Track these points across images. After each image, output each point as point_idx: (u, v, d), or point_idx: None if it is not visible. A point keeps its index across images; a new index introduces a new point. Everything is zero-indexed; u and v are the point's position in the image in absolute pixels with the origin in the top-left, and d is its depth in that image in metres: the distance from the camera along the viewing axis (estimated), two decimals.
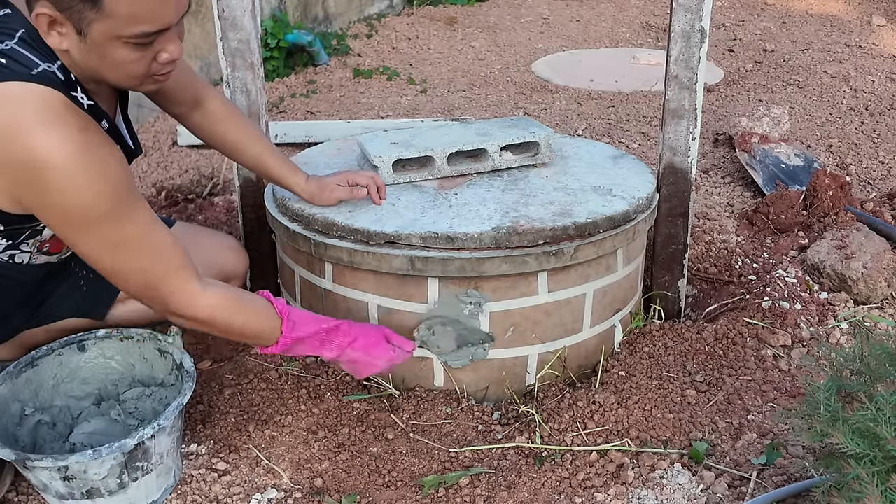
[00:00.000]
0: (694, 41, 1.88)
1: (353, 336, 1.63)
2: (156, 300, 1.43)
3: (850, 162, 3.24)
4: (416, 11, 6.09)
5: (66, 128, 1.26)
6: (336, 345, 1.61)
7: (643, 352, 1.96)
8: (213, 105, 1.79)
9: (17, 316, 1.74)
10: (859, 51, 4.86)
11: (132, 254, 1.37)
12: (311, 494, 1.60)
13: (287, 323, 1.54)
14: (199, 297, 1.43)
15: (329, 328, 1.61)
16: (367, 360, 1.64)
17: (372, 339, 1.65)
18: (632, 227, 1.85)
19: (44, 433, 1.62)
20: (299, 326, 1.56)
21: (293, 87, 4.38)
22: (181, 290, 1.42)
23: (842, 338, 2.07)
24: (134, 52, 1.30)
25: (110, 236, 1.34)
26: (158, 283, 1.40)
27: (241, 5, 1.92)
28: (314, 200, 1.85)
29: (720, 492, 1.55)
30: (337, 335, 1.61)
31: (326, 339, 1.60)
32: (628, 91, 4.25)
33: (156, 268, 1.40)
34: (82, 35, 1.27)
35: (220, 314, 1.46)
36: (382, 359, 1.65)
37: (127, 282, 1.40)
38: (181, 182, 3.12)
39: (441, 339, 1.80)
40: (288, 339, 1.54)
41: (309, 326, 1.58)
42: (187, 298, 1.42)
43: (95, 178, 1.28)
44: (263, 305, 1.54)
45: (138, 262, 1.38)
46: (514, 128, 2.05)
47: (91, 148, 1.28)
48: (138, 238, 1.37)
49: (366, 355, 1.63)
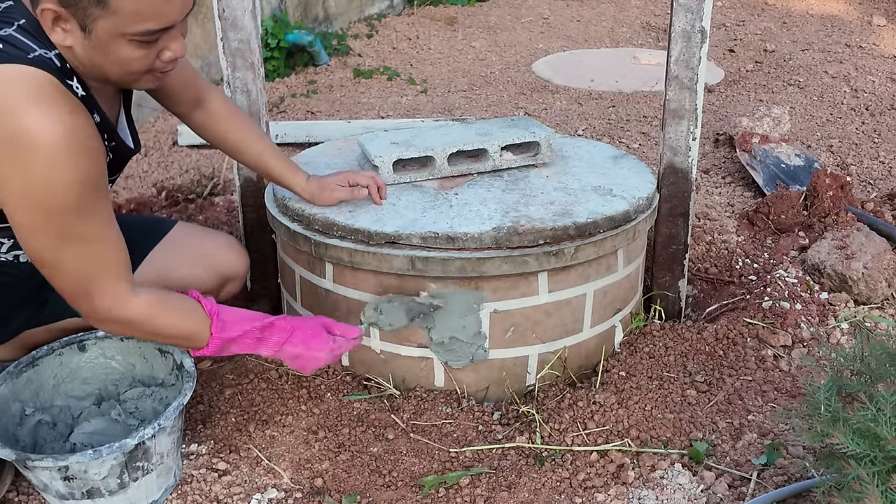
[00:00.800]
0: (694, 41, 1.88)
1: (289, 331, 1.57)
2: (84, 300, 1.39)
3: (851, 162, 3.24)
4: (416, 11, 6.10)
5: (55, 108, 1.25)
6: (273, 341, 1.56)
7: (643, 352, 1.96)
8: (215, 104, 1.80)
9: (20, 315, 1.74)
10: (860, 51, 4.86)
11: (80, 251, 1.34)
12: (312, 494, 1.60)
13: (216, 323, 1.50)
14: (128, 300, 1.40)
15: (263, 325, 1.55)
16: (308, 353, 1.58)
17: (310, 332, 1.59)
18: (632, 228, 1.85)
19: (44, 433, 1.62)
20: (230, 326, 1.52)
21: (293, 87, 4.38)
22: (112, 293, 1.39)
23: (842, 338, 2.07)
24: (138, 50, 1.31)
25: (66, 229, 1.31)
26: (93, 284, 1.37)
27: (242, 5, 1.92)
28: (315, 200, 1.85)
29: (720, 492, 1.55)
30: (272, 332, 1.56)
31: (261, 336, 1.55)
32: (629, 91, 4.25)
33: (96, 269, 1.37)
34: (87, 32, 1.28)
35: (145, 317, 1.42)
36: (324, 350, 1.59)
37: (63, 277, 1.37)
38: (181, 182, 3.12)
39: (391, 316, 1.76)
40: (218, 340, 1.50)
41: (241, 325, 1.53)
42: (116, 301, 1.39)
43: (73, 167, 1.27)
44: (192, 306, 1.50)
45: (83, 260, 1.35)
46: (514, 128, 2.05)
47: (76, 134, 1.27)
48: (92, 237, 1.34)
49: (306, 349, 1.58)
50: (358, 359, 1.92)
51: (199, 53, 4.18)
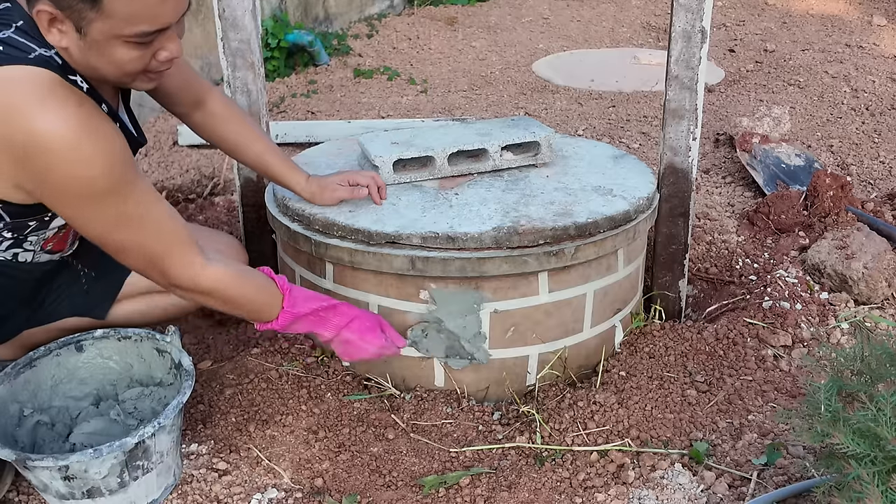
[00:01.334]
0: (695, 41, 1.88)
1: (351, 317, 1.65)
2: (159, 274, 1.45)
3: (851, 162, 3.24)
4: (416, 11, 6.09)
5: (63, 104, 1.27)
6: (334, 324, 1.64)
7: (644, 352, 1.96)
8: (215, 104, 1.80)
9: (19, 315, 1.74)
10: (860, 51, 4.86)
11: (135, 229, 1.38)
12: (312, 494, 1.60)
13: (288, 298, 1.57)
14: (202, 269, 1.46)
15: (328, 306, 1.63)
16: (359, 343, 1.66)
17: (367, 324, 1.67)
18: (632, 228, 1.85)
19: (43, 434, 1.62)
20: (300, 303, 1.59)
21: (294, 87, 4.38)
22: (184, 264, 1.44)
23: (842, 338, 2.07)
24: (133, 51, 1.31)
25: (113, 211, 1.35)
26: (162, 257, 1.42)
27: (242, 5, 1.92)
28: (315, 200, 1.85)
29: (721, 492, 1.55)
30: (335, 314, 1.64)
31: (325, 317, 1.63)
32: (629, 91, 4.25)
33: (159, 242, 1.41)
34: (82, 33, 1.28)
35: (222, 286, 1.48)
36: (374, 345, 1.67)
37: (131, 257, 1.42)
38: (182, 182, 3.12)
39: (432, 344, 1.81)
40: (289, 315, 1.57)
41: (309, 303, 1.60)
42: (190, 271, 1.45)
43: (97, 153, 1.29)
44: (265, 281, 1.57)
45: (141, 237, 1.39)
46: (514, 128, 2.05)
47: (90, 122, 1.29)
48: (141, 214, 1.38)
49: (360, 339, 1.66)
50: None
51: (199, 53, 4.18)
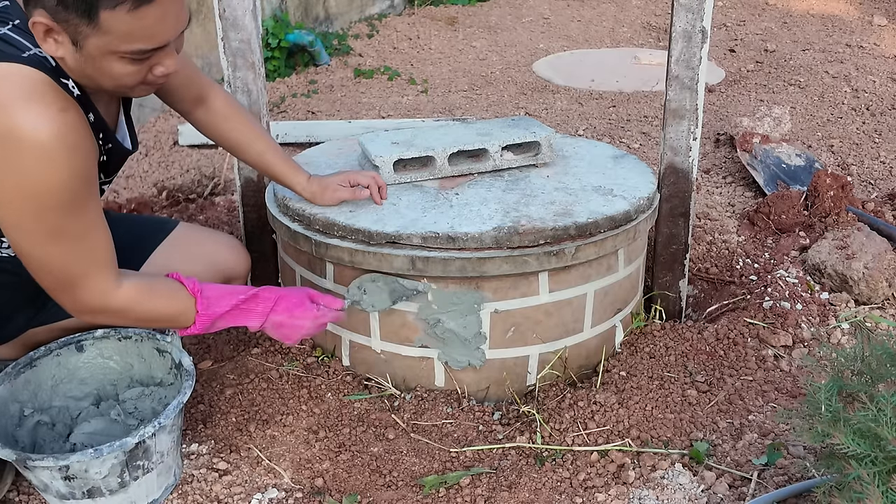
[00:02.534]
0: (695, 41, 1.88)
1: (273, 300, 1.60)
2: (67, 295, 1.41)
3: (852, 162, 3.24)
4: (416, 11, 6.09)
5: (46, 106, 1.25)
6: (258, 312, 1.58)
7: (644, 352, 1.96)
8: (218, 102, 1.80)
9: (23, 314, 1.74)
10: (860, 51, 4.86)
11: (67, 247, 1.35)
12: (312, 494, 1.60)
13: (201, 301, 1.52)
14: (114, 291, 1.42)
15: (247, 297, 1.57)
16: (291, 322, 1.61)
17: (293, 300, 1.62)
18: (633, 228, 1.85)
19: (43, 434, 1.62)
20: (215, 302, 1.54)
21: (294, 87, 4.38)
22: (97, 286, 1.40)
23: (843, 338, 2.07)
24: (129, 66, 1.30)
25: (55, 226, 1.32)
26: (78, 279, 1.38)
27: (242, 5, 1.92)
28: (316, 200, 1.85)
29: (721, 492, 1.55)
30: (257, 302, 1.58)
31: (247, 308, 1.57)
32: (629, 91, 4.25)
33: (83, 264, 1.38)
34: (78, 46, 1.27)
35: (131, 304, 1.45)
36: (307, 318, 1.61)
37: (48, 273, 1.38)
38: (182, 182, 3.12)
39: (373, 296, 1.77)
40: (205, 318, 1.53)
41: (226, 300, 1.55)
42: (102, 294, 1.41)
43: (65, 163, 1.27)
44: (175, 288, 1.52)
45: (70, 256, 1.36)
46: (515, 128, 2.05)
47: (68, 132, 1.27)
48: (80, 234, 1.35)
49: (290, 317, 1.60)
50: (358, 358, 1.92)
51: (199, 53, 4.18)
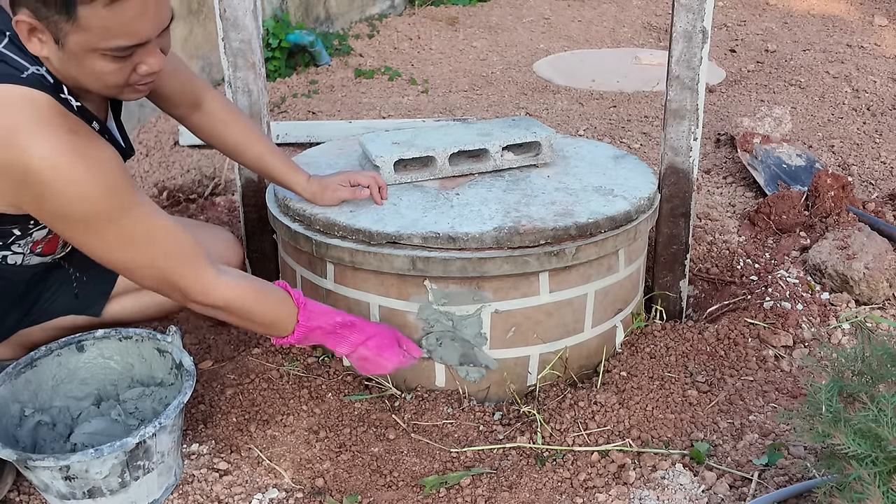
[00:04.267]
0: (696, 41, 1.88)
1: (368, 335, 1.65)
2: (173, 291, 1.45)
3: (852, 162, 3.24)
4: (417, 11, 6.10)
5: (55, 131, 1.26)
6: (351, 341, 1.64)
7: (644, 352, 1.96)
8: (214, 106, 1.79)
9: (12, 316, 1.74)
10: (861, 51, 4.86)
11: (141, 250, 1.38)
12: (313, 494, 1.60)
13: (304, 312, 1.57)
14: (216, 284, 1.46)
15: (344, 322, 1.63)
16: (377, 360, 1.66)
17: (385, 341, 1.68)
18: (633, 228, 1.85)
19: (44, 434, 1.62)
20: (315, 317, 1.59)
21: (295, 87, 4.38)
22: (197, 280, 1.44)
23: (843, 338, 2.07)
24: (111, 64, 1.30)
25: (114, 235, 1.34)
26: (173, 276, 1.42)
27: (243, 6, 1.92)
28: (316, 200, 1.85)
29: (721, 492, 1.55)
30: (352, 331, 1.64)
31: (341, 333, 1.63)
32: (630, 91, 4.25)
33: (168, 261, 1.41)
34: (60, 45, 1.27)
35: (237, 301, 1.48)
36: (392, 361, 1.67)
37: (142, 278, 1.42)
38: (183, 182, 3.12)
39: (447, 352, 1.82)
40: (304, 329, 1.57)
41: (325, 318, 1.61)
42: (204, 287, 1.45)
43: (90, 180, 1.28)
44: (281, 294, 1.57)
45: (148, 257, 1.39)
46: (515, 128, 2.05)
47: (83, 149, 1.28)
48: (144, 234, 1.38)
49: (377, 356, 1.66)
50: None
51: (200, 53, 4.18)
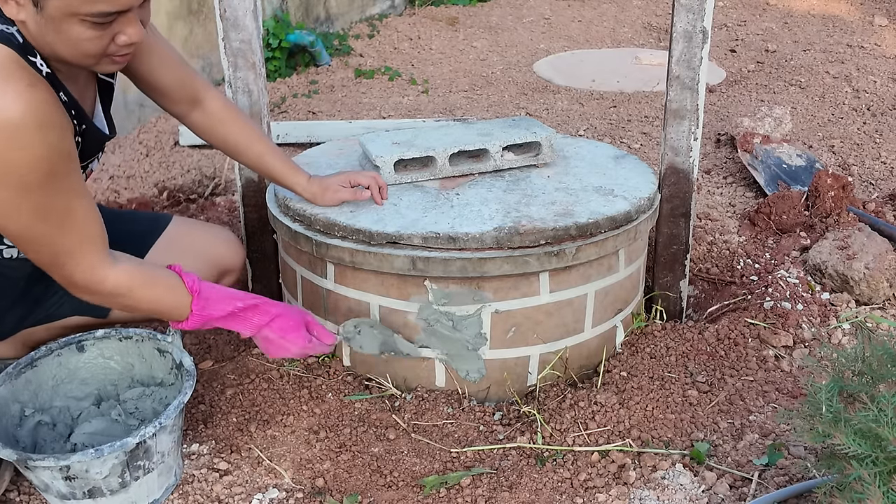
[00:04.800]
0: (696, 41, 1.88)
1: (272, 316, 1.60)
2: (61, 272, 1.40)
3: (852, 162, 3.24)
4: (417, 12, 6.10)
5: (14, 84, 1.24)
6: (254, 322, 1.59)
7: (645, 352, 1.96)
8: (215, 105, 1.79)
9: (13, 313, 1.73)
10: (861, 51, 4.86)
11: (52, 225, 1.34)
12: (313, 494, 1.60)
13: (197, 301, 1.52)
14: (107, 270, 1.41)
15: (245, 306, 1.57)
16: (281, 342, 1.61)
17: (291, 323, 1.62)
18: (633, 228, 1.85)
19: (44, 434, 1.62)
20: (212, 304, 1.54)
21: (295, 88, 4.38)
22: (88, 264, 1.40)
23: (843, 338, 2.07)
24: (90, 31, 1.28)
25: (39, 205, 1.31)
26: (67, 256, 1.38)
27: (243, 6, 1.92)
28: (316, 201, 1.85)
29: (722, 492, 1.55)
30: (255, 313, 1.59)
31: (243, 316, 1.58)
32: (630, 91, 4.25)
33: (69, 241, 1.37)
34: (38, 8, 1.25)
35: (125, 289, 1.44)
36: (296, 345, 1.62)
37: (37, 252, 1.37)
38: (183, 182, 3.12)
39: (366, 341, 1.80)
40: (199, 317, 1.52)
41: (223, 305, 1.55)
42: (94, 271, 1.41)
43: (38, 143, 1.25)
44: (174, 281, 1.51)
45: (58, 234, 1.35)
46: (515, 128, 2.05)
47: (39, 108, 1.25)
48: (63, 210, 1.34)
49: (281, 338, 1.61)
50: (359, 359, 1.92)
51: (200, 53, 4.18)
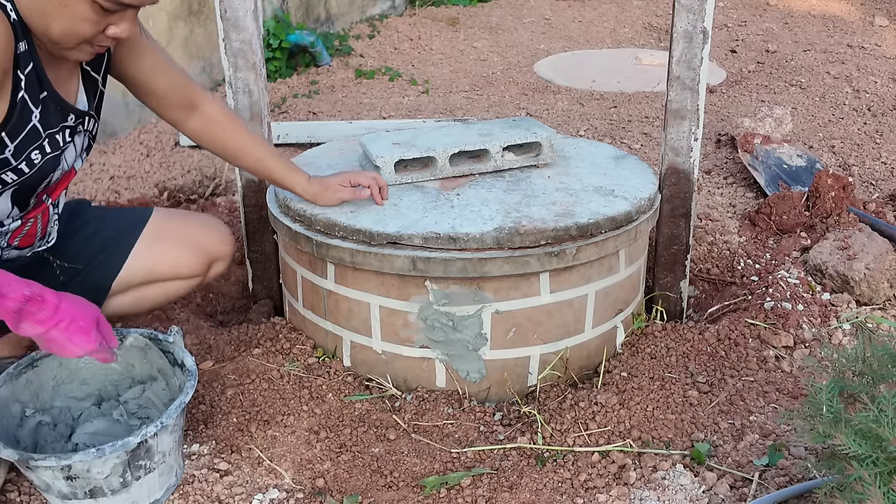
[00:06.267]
0: (696, 42, 1.88)
1: (61, 317, 1.41)
2: None
3: (853, 163, 3.24)
4: (418, 12, 6.10)
5: None
6: (37, 319, 1.39)
7: (645, 352, 1.96)
8: (212, 110, 1.78)
9: None
10: (862, 51, 4.86)
11: None
12: (313, 495, 1.60)
13: None
14: None
15: (30, 295, 1.38)
16: (67, 344, 1.44)
17: (80, 324, 1.44)
18: (634, 228, 1.85)
19: (45, 434, 1.62)
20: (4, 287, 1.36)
21: (295, 88, 4.38)
22: None
23: (844, 339, 2.07)
24: (94, 14, 1.30)
25: None
26: None
27: (244, 6, 1.92)
28: (317, 201, 1.85)
29: (722, 493, 1.55)
30: (42, 308, 1.39)
31: (26, 310, 1.38)
32: (630, 92, 4.25)
33: None
34: None
35: None
36: (82, 349, 1.45)
37: None
38: (183, 182, 3.12)
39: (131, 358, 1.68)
40: None
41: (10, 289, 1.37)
42: None
43: None
44: None
45: None
46: (516, 128, 2.05)
47: None
48: None
49: (66, 340, 1.43)
50: (359, 359, 1.92)
51: (201, 54, 4.18)
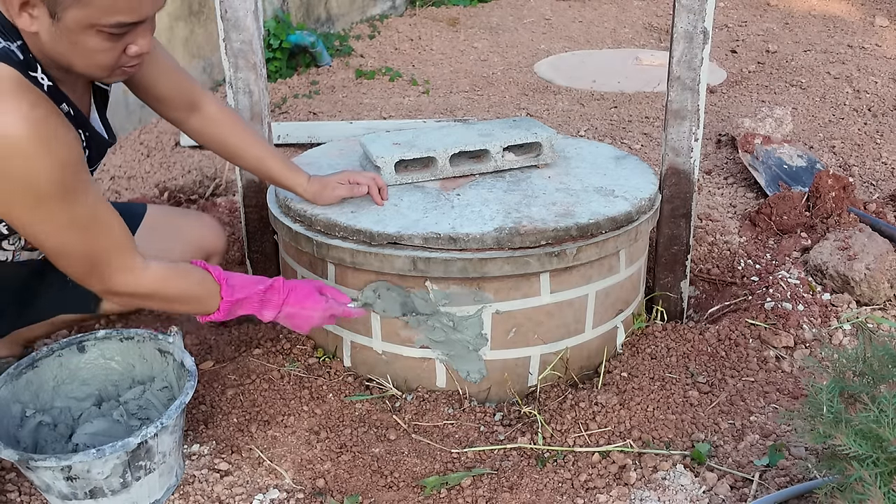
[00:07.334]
0: (696, 42, 1.88)
1: (287, 291, 1.64)
2: (97, 280, 1.42)
3: (853, 163, 3.24)
4: (418, 12, 6.10)
5: (17, 104, 1.24)
6: (274, 303, 1.63)
7: (645, 353, 1.96)
8: (212, 110, 1.79)
9: (8, 314, 1.73)
10: (862, 52, 4.86)
11: (79, 235, 1.36)
12: (314, 495, 1.60)
13: (226, 288, 1.56)
14: (143, 272, 1.44)
15: (265, 287, 1.62)
16: (303, 312, 1.65)
17: (304, 292, 1.66)
18: (634, 228, 1.85)
19: (45, 434, 1.62)
20: (238, 290, 1.58)
21: (296, 88, 4.38)
22: (125, 268, 1.42)
23: (844, 339, 2.07)
24: (105, 42, 1.30)
25: (58, 217, 1.33)
26: (103, 263, 1.40)
27: (244, 6, 1.92)
28: (316, 200, 1.85)
29: (722, 493, 1.55)
30: (273, 293, 1.63)
31: (265, 298, 1.62)
32: (631, 92, 4.25)
33: (101, 246, 1.39)
34: (55, 19, 1.26)
35: (161, 287, 1.47)
36: (317, 310, 1.66)
37: (70, 262, 1.40)
38: (184, 183, 3.12)
39: (387, 304, 1.80)
40: (228, 304, 1.56)
41: (247, 288, 1.60)
42: (131, 276, 1.43)
43: (47, 157, 1.26)
44: (200, 274, 1.55)
45: (85, 241, 1.37)
46: (516, 128, 2.05)
47: (43, 126, 1.26)
48: (86, 219, 1.36)
49: (301, 308, 1.65)
50: (360, 359, 1.92)
51: (201, 54, 4.18)
